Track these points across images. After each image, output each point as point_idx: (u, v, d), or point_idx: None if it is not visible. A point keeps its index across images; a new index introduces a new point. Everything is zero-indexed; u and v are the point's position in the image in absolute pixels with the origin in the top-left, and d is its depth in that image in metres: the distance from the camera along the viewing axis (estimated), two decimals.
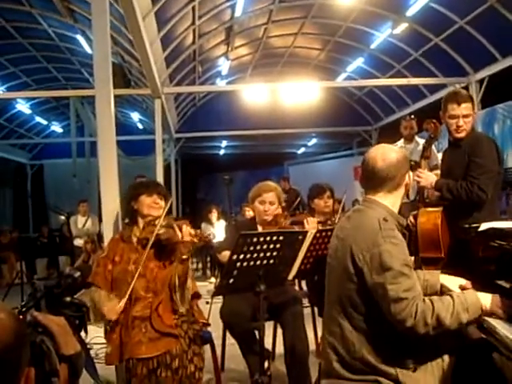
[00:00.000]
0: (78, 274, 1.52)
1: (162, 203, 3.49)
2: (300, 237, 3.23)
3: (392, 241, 2.23)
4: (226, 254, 3.81)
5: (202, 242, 3.47)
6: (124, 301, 3.18)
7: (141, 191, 3.49)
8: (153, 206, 3.45)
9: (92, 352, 4.84)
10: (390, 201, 2.44)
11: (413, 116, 6.77)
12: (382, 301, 2.18)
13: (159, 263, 3.36)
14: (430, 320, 2.11)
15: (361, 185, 2.61)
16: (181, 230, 3.27)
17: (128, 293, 3.19)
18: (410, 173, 2.54)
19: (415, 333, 2.14)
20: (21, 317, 1.27)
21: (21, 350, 1.10)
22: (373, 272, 2.21)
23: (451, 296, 2.22)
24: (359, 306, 2.27)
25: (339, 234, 2.45)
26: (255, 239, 2.89)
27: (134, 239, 3.43)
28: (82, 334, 1.61)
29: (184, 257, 3.24)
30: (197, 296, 3.48)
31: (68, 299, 1.45)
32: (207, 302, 5.53)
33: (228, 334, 4.07)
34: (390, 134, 7.91)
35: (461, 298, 2.20)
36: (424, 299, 2.16)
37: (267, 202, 4.08)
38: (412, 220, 3.76)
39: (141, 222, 3.47)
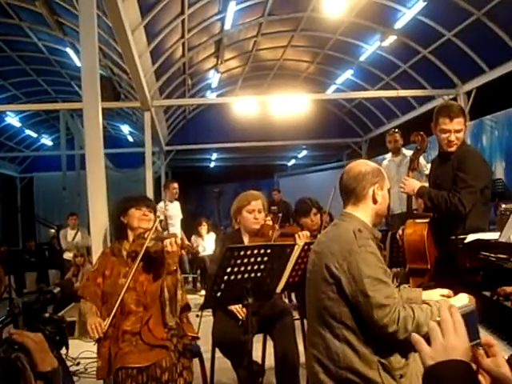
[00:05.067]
0: (57, 289, 1.50)
1: (152, 216, 3.50)
2: (288, 249, 3.21)
3: (368, 249, 2.30)
4: None
5: (190, 253, 3.48)
6: (109, 320, 3.16)
7: (130, 205, 3.49)
8: (143, 218, 3.45)
9: (80, 367, 4.80)
10: (361, 213, 2.49)
11: (396, 129, 6.88)
12: (364, 307, 2.24)
13: (148, 276, 3.35)
14: (411, 326, 2.18)
15: None
16: (168, 241, 3.25)
17: (116, 307, 3.17)
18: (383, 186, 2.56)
19: (395, 338, 2.21)
20: None
21: None
22: (351, 280, 2.26)
23: (428, 304, 2.30)
24: (339, 315, 2.30)
25: (316, 249, 2.51)
26: (242, 252, 2.88)
27: (124, 253, 3.43)
28: (65, 349, 1.59)
29: (172, 268, 3.23)
30: (187, 308, 3.47)
31: (47, 315, 1.43)
32: (197, 315, 5.49)
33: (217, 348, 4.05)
34: (380, 145, 7.95)
35: (437, 305, 2.28)
36: (405, 306, 2.24)
37: (256, 210, 4.01)
38: (400, 232, 3.76)
39: (131, 235, 3.47)
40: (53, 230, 11.62)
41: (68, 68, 12.51)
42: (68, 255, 9.64)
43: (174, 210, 8.70)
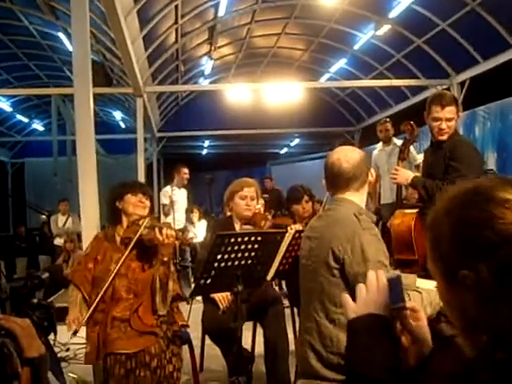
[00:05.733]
0: (45, 275, 1.49)
1: (148, 202, 3.49)
2: (278, 237, 3.21)
3: (371, 232, 2.34)
4: None
5: (184, 244, 3.46)
6: (88, 314, 3.15)
7: (126, 190, 3.47)
8: (138, 204, 3.44)
9: (70, 352, 4.80)
10: (358, 198, 2.53)
11: (387, 119, 6.91)
12: None
13: (141, 264, 3.34)
14: None
15: (326, 187, 2.68)
16: (163, 231, 3.24)
17: (102, 291, 3.17)
18: (372, 171, 2.65)
19: None
20: None
21: None
22: (353, 262, 2.28)
23: (419, 292, 2.35)
24: (338, 299, 2.30)
25: (310, 235, 2.52)
26: (233, 239, 2.88)
27: (118, 238, 3.41)
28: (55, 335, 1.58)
29: (165, 259, 3.22)
30: (179, 298, 3.47)
31: (35, 301, 1.42)
32: (187, 303, 5.50)
33: (207, 335, 4.05)
34: (373, 134, 7.94)
35: (424, 293, 2.33)
36: None
37: (248, 197, 4.00)
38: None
39: (125, 221, 3.45)
40: (44, 216, 11.59)
41: (60, 53, 12.40)
42: (59, 241, 9.62)
43: (179, 196, 8.58)
